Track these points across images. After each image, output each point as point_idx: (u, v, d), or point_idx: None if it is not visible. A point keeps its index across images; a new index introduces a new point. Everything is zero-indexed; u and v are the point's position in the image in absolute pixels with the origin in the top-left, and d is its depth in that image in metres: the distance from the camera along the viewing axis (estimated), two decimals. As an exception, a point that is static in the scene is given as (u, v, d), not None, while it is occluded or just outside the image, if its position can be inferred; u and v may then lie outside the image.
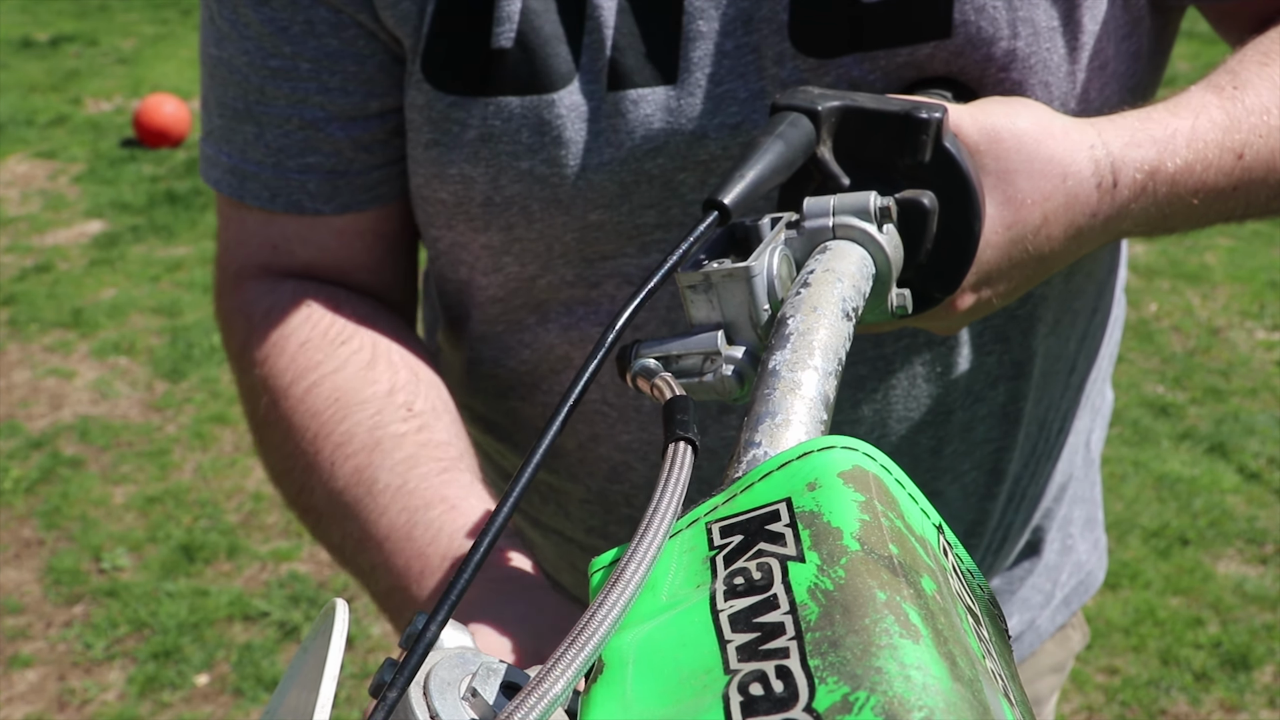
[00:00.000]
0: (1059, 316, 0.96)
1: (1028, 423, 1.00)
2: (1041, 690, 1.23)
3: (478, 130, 0.84)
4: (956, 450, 0.97)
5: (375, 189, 0.92)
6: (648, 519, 0.43)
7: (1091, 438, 1.18)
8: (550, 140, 0.83)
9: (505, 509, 0.46)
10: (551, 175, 0.84)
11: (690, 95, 0.82)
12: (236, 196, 0.93)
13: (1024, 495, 1.06)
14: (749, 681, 0.35)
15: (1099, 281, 1.01)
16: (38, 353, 4.20)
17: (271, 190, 0.92)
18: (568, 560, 1.09)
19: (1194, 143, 0.74)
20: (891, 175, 0.69)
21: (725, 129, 0.82)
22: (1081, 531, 1.21)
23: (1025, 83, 0.82)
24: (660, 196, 0.85)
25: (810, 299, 0.56)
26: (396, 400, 0.87)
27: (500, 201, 0.86)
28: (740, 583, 0.39)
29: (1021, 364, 0.95)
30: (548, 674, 0.38)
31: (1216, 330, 4.09)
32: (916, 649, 0.34)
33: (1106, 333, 1.09)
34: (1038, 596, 1.17)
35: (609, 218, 0.86)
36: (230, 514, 3.32)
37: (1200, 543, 3.08)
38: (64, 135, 6.34)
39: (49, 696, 2.75)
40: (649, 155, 0.83)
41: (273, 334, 0.92)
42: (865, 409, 0.92)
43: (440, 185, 0.88)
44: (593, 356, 0.53)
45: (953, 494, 0.99)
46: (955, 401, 0.94)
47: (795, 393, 0.50)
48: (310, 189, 0.91)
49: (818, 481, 0.41)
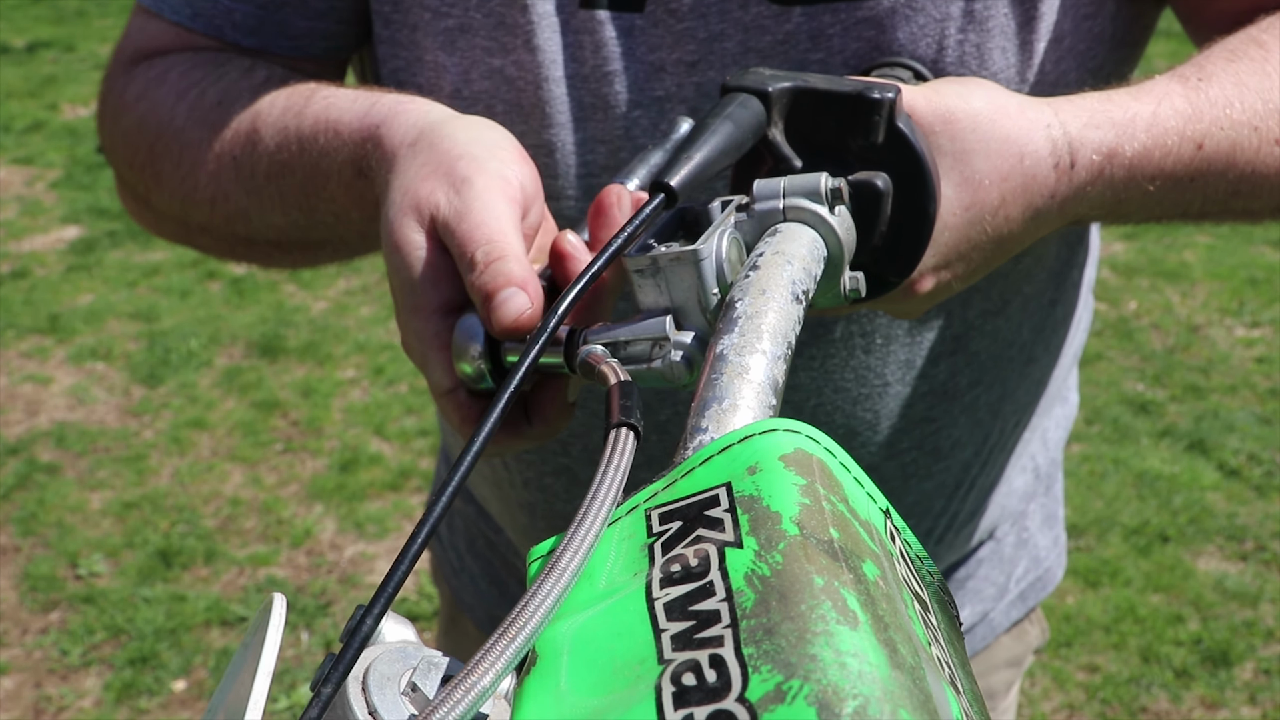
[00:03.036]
0: (1006, 297, 0.95)
1: (978, 408, 1.00)
2: (997, 684, 1.22)
3: (456, 20, 0.86)
4: (894, 426, 0.96)
5: (299, 39, 0.93)
6: (585, 506, 0.42)
7: (1049, 436, 1.17)
8: (520, 44, 0.85)
9: (450, 488, 0.45)
10: (518, 78, 0.85)
11: (654, 27, 0.84)
12: (155, 9, 0.94)
13: (973, 484, 1.05)
14: (682, 671, 0.34)
15: (1052, 270, 1.00)
16: (14, 359, 4.17)
17: (194, 9, 0.92)
18: (509, 518, 1.10)
19: (1153, 128, 0.73)
20: (845, 157, 0.68)
21: (682, 65, 0.84)
22: (1040, 527, 1.21)
23: (983, 46, 0.82)
24: (613, 133, 0.86)
25: (759, 282, 0.55)
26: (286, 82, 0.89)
27: (468, 95, 0.87)
28: (677, 570, 0.38)
29: (960, 338, 0.95)
30: (475, 666, 0.37)
31: (1196, 328, 4.09)
32: (854, 635, 0.33)
33: (1070, 330, 1.08)
34: (990, 589, 1.17)
35: (562, 141, 0.87)
36: (208, 519, 3.30)
37: (1180, 540, 3.08)
38: (41, 141, 6.30)
39: (25, 704, 2.72)
40: (606, 78, 0.85)
41: (154, 71, 0.93)
42: (802, 376, 0.92)
43: (418, 70, 0.89)
44: (534, 341, 0.52)
45: (889, 470, 0.98)
46: (893, 374, 0.94)
47: (743, 377, 0.49)
48: (235, 19, 0.92)
49: (758, 465, 0.40)
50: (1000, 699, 1.23)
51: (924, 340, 0.93)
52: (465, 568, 1.23)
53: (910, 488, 1.00)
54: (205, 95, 0.89)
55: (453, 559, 1.25)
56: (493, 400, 0.49)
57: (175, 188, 0.91)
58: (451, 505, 0.49)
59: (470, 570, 1.23)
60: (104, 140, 0.98)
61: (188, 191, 0.90)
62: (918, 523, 1.03)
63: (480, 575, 1.21)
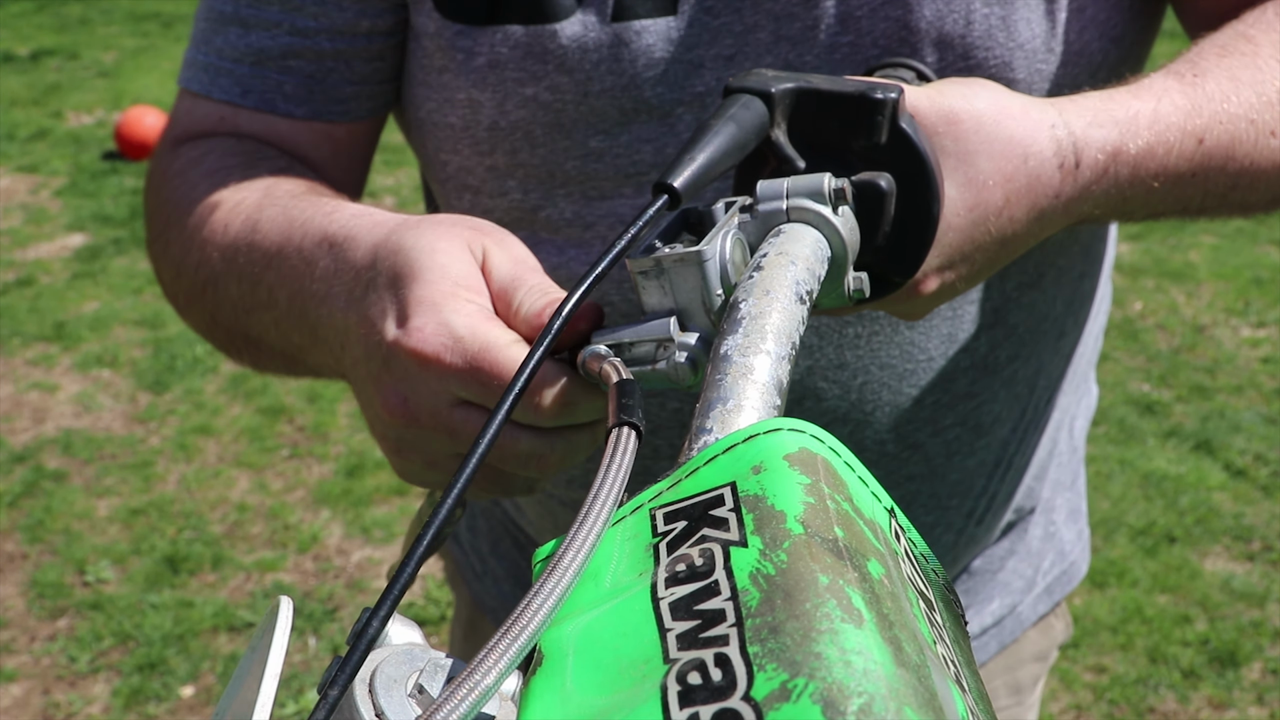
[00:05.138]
0: (1041, 270, 0.97)
1: (1016, 382, 1.01)
2: (1024, 678, 1.22)
3: (485, 58, 0.87)
4: (938, 401, 0.97)
5: (347, 103, 0.95)
6: (587, 506, 0.42)
7: (1075, 424, 1.19)
8: (553, 68, 0.86)
9: (457, 487, 0.45)
10: (554, 101, 0.87)
11: (689, 26, 0.85)
12: (204, 91, 0.95)
13: (1010, 464, 1.06)
14: (688, 670, 0.34)
15: (1083, 244, 1.02)
16: (20, 366, 4.18)
17: (244, 87, 0.94)
18: (550, 519, 1.09)
19: (1155, 125, 0.73)
20: (848, 158, 0.68)
21: (719, 60, 0.86)
22: (1065, 521, 1.21)
23: (1009, 19, 0.84)
24: (658, 132, 0.87)
25: (763, 282, 0.55)
26: (274, 180, 0.88)
27: (505, 126, 0.89)
28: (682, 569, 0.38)
29: (999, 310, 0.96)
30: (479, 665, 0.37)
31: (1201, 328, 4.09)
32: (859, 634, 0.33)
33: (1094, 308, 1.09)
34: (1019, 582, 1.17)
35: (608, 146, 0.88)
36: (214, 525, 3.30)
37: (1187, 540, 3.07)
38: (45, 149, 6.31)
39: (34, 711, 2.73)
40: (648, 84, 0.86)
41: (196, 152, 0.94)
42: (849, 355, 0.92)
43: (450, 110, 0.91)
44: (542, 339, 0.52)
45: (934, 448, 0.99)
46: (937, 349, 0.95)
47: (747, 377, 0.49)
48: (286, 90, 0.93)
49: (763, 465, 0.40)
50: (1027, 694, 1.24)
51: (965, 314, 0.94)
52: (488, 570, 1.23)
53: (954, 465, 1.01)
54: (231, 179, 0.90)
55: (475, 562, 1.25)
56: (499, 401, 0.50)
57: (174, 267, 0.92)
58: (467, 508, 0.49)
59: (494, 573, 1.23)
60: (145, 216, 1.00)
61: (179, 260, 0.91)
62: (960, 502, 1.04)
63: (504, 577, 1.22)
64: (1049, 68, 0.87)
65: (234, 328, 0.88)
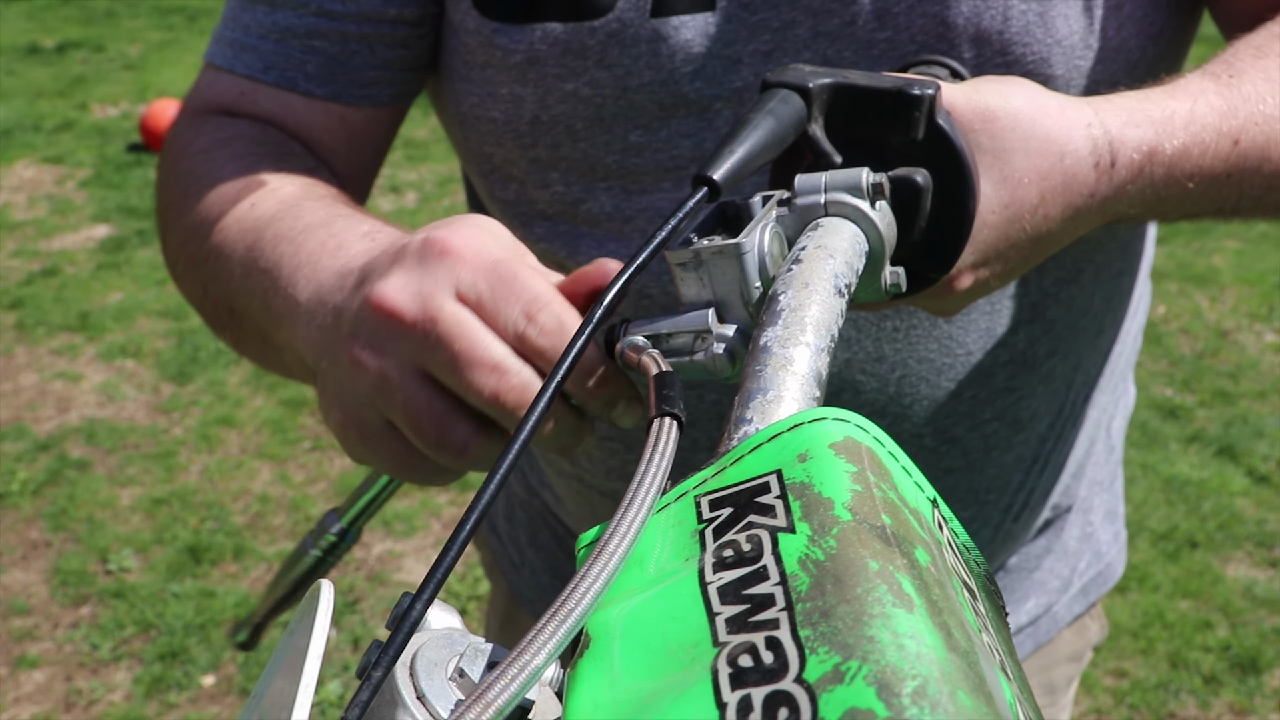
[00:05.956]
0: (1079, 265, 0.97)
1: (1054, 378, 1.01)
2: (1058, 679, 1.22)
3: (524, 55, 0.88)
4: (976, 395, 0.97)
5: (368, 87, 0.95)
6: (631, 493, 0.42)
7: (1114, 424, 1.19)
8: (593, 64, 0.87)
9: (497, 477, 0.46)
10: (594, 96, 0.88)
11: (728, 22, 0.85)
12: (227, 65, 0.96)
13: (1048, 460, 1.06)
14: (738, 653, 0.34)
15: (1122, 241, 1.02)
16: (45, 356, 4.20)
17: (266, 63, 0.94)
18: (589, 508, 1.10)
19: (1191, 126, 0.73)
20: (884, 154, 0.68)
21: (757, 55, 0.86)
22: (1103, 521, 1.21)
23: (1046, 15, 0.84)
24: (697, 126, 0.88)
25: (802, 275, 0.55)
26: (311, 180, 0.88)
27: (547, 120, 0.90)
28: (729, 555, 0.38)
29: (1037, 306, 0.96)
30: (528, 647, 0.37)
31: (1225, 333, 4.07)
32: (910, 618, 0.33)
33: (1132, 306, 1.09)
34: (1055, 581, 1.17)
35: (648, 140, 0.89)
36: (236, 515, 3.32)
37: (1209, 545, 3.06)
38: (71, 140, 6.35)
39: (56, 697, 2.74)
40: (687, 78, 0.86)
41: (224, 133, 0.95)
42: (887, 348, 0.93)
43: (492, 105, 0.92)
44: (582, 329, 0.52)
45: (972, 442, 1.00)
46: (975, 343, 0.95)
47: (787, 369, 0.49)
48: (309, 69, 0.94)
49: (809, 453, 0.40)
50: (1060, 694, 1.24)
51: (1003, 309, 0.95)
52: (526, 561, 1.24)
53: (991, 459, 1.01)
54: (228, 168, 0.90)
55: (512, 554, 1.26)
56: (536, 397, 0.50)
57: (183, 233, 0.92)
58: (509, 498, 0.50)
59: (532, 564, 1.23)
60: (158, 180, 1.00)
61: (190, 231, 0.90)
62: (998, 497, 1.04)
63: (543, 569, 1.22)
64: (1086, 64, 0.87)
65: (221, 299, 0.87)
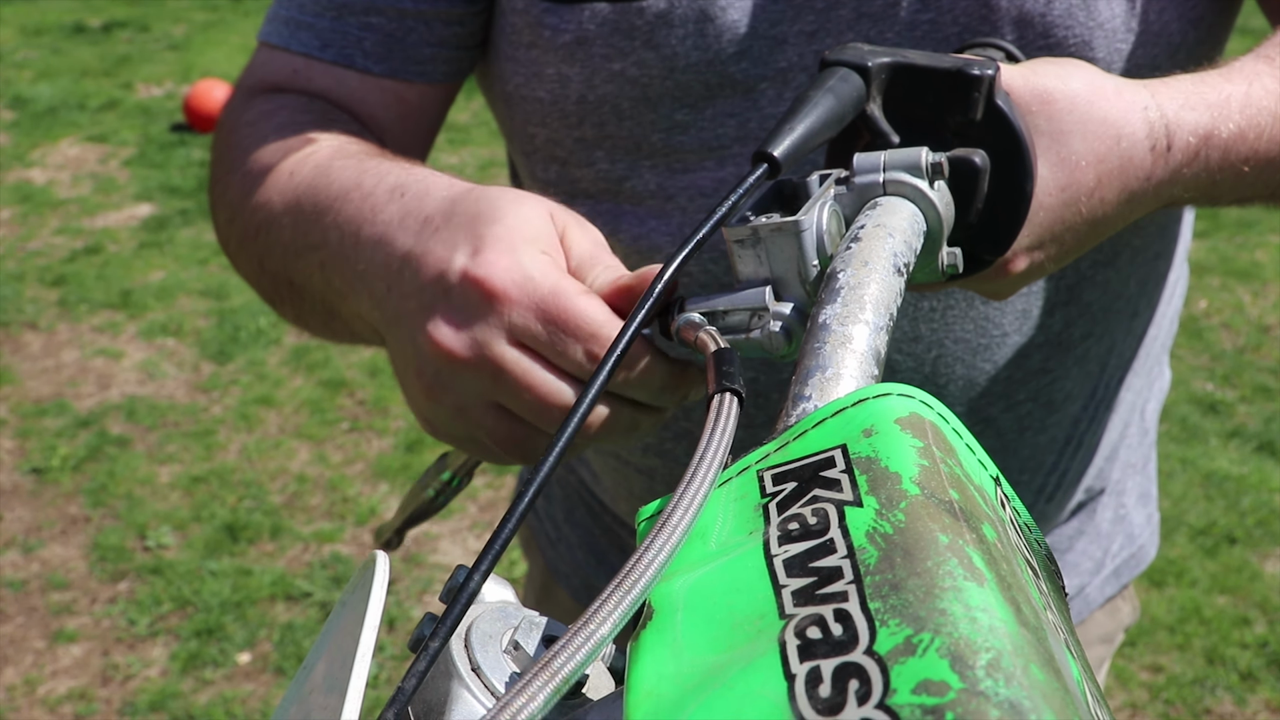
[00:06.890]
0: (1116, 248, 0.96)
1: (1088, 360, 1.01)
2: (1090, 660, 1.22)
3: (572, 34, 0.88)
4: (1011, 376, 0.97)
5: (424, 64, 0.95)
6: (694, 467, 0.42)
7: (1148, 407, 1.18)
8: (640, 44, 0.87)
9: (551, 458, 0.46)
10: (641, 76, 0.88)
11: (774, 3, 0.86)
12: (284, 44, 0.96)
13: (1081, 441, 1.06)
14: (806, 625, 0.34)
15: (1159, 224, 1.01)
16: (86, 333, 4.24)
17: (324, 40, 0.95)
18: (625, 487, 1.10)
19: (1247, 109, 0.73)
20: (941, 134, 0.67)
21: (802, 36, 0.86)
22: (1136, 504, 1.22)
23: None
24: (741, 106, 0.88)
25: (861, 254, 0.55)
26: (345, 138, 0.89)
27: (593, 100, 0.90)
28: (795, 528, 0.38)
29: (1074, 288, 0.96)
30: (593, 616, 0.37)
31: (1267, 328, 4.03)
32: (982, 591, 0.33)
33: (1168, 290, 1.09)
34: (1088, 563, 1.18)
35: (693, 119, 0.89)
36: (274, 495, 3.34)
37: (1248, 541, 3.04)
38: (115, 120, 6.39)
39: (93, 671, 2.77)
40: (733, 59, 0.87)
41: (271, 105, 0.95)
42: (923, 328, 0.93)
43: (539, 84, 0.92)
44: (641, 305, 0.52)
45: (1006, 423, 1.00)
46: (1011, 324, 0.95)
47: (846, 346, 0.49)
48: (366, 46, 0.94)
49: (874, 428, 0.40)
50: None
51: (1039, 290, 0.95)
52: (562, 537, 1.24)
53: (1025, 440, 1.02)
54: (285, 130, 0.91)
55: (549, 529, 1.26)
56: (599, 364, 0.50)
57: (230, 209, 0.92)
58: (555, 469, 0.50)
59: (568, 539, 1.24)
60: (211, 162, 1.00)
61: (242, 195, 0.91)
62: (1031, 478, 1.05)
63: (578, 545, 1.22)
64: (1127, 48, 0.87)
65: (280, 273, 0.87)
